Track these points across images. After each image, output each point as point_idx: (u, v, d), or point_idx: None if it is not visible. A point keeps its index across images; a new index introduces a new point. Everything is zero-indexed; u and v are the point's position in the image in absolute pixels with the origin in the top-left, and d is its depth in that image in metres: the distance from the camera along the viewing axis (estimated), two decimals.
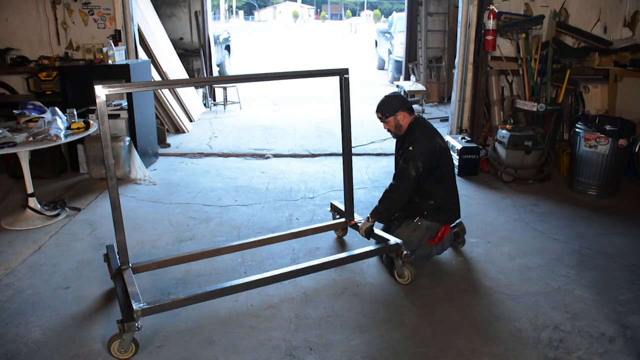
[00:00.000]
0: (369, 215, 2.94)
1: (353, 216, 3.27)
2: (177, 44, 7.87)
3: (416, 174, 2.75)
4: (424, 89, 7.52)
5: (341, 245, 3.34)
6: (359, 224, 3.02)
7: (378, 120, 3.04)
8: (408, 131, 2.91)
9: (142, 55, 5.54)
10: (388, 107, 2.93)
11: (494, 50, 4.87)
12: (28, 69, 5.02)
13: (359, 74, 12.43)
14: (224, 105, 7.88)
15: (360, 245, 3.12)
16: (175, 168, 5.00)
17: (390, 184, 2.88)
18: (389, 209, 2.88)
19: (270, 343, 2.36)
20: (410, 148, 2.79)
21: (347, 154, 3.18)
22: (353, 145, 5.69)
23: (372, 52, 15.27)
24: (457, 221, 3.20)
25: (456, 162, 4.68)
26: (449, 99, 7.58)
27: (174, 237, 3.44)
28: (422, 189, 2.89)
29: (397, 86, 8.29)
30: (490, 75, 5.03)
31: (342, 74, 3.00)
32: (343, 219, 3.30)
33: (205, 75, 7.91)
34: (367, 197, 4.17)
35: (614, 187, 4.19)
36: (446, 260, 3.15)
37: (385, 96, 3.01)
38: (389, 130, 3.02)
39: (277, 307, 2.63)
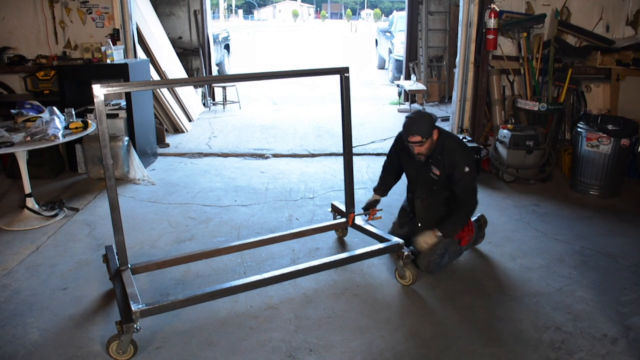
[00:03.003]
0: (440, 233, 2.76)
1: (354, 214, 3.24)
2: (176, 43, 7.84)
3: (475, 184, 2.80)
4: (425, 88, 7.50)
5: (341, 245, 3.32)
6: (418, 240, 2.83)
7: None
8: (439, 147, 2.73)
9: (141, 54, 5.52)
10: (425, 129, 2.63)
11: (495, 49, 4.85)
12: (26, 68, 5.00)
13: (360, 74, 12.41)
14: (224, 105, 7.86)
15: (361, 246, 3.10)
16: (174, 168, 4.98)
17: (463, 205, 2.78)
18: (458, 228, 2.85)
19: (270, 344, 2.34)
20: (467, 170, 2.68)
21: (347, 153, 3.14)
22: (353, 145, 5.67)
23: (372, 51, 15.24)
24: (478, 214, 3.24)
25: None
26: (450, 98, 7.55)
27: (173, 238, 3.42)
28: (450, 196, 2.87)
29: (398, 85, 8.27)
30: (492, 74, 5.01)
31: (342, 72, 2.96)
32: (344, 219, 3.27)
33: (205, 75, 7.88)
34: (367, 197, 4.13)
35: (616, 187, 4.17)
36: None
37: (415, 115, 2.71)
38: (419, 154, 2.73)
39: (276, 308, 2.61)
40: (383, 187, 3.21)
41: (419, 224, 2.98)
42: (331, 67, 3.05)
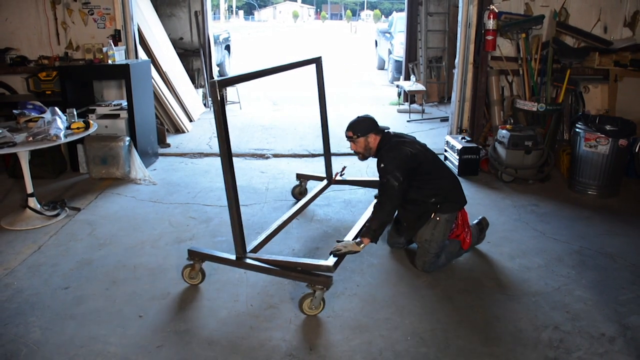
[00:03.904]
0: (361, 238, 2.74)
1: (332, 175, 4.03)
2: (177, 43, 7.86)
3: (398, 183, 2.76)
4: (424, 89, 7.52)
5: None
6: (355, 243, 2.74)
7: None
8: (377, 151, 2.97)
9: (142, 55, 5.54)
10: (360, 128, 2.97)
11: (494, 50, 4.87)
12: (28, 68, 5.01)
13: (359, 74, 12.43)
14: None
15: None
16: (175, 168, 5.00)
17: (378, 201, 2.86)
18: (383, 224, 2.80)
19: (270, 343, 2.35)
20: (382, 165, 2.82)
21: (324, 125, 4.01)
22: None
23: (372, 52, 15.27)
24: (480, 217, 3.28)
25: (456, 162, 4.69)
26: (449, 99, 7.58)
27: (174, 237, 3.44)
28: (419, 194, 2.90)
29: (397, 86, 8.29)
30: (491, 75, 5.03)
31: (317, 62, 3.70)
32: (324, 182, 3.98)
33: (205, 76, 7.90)
34: (368, 197, 4.16)
35: (614, 187, 4.18)
36: None
37: (357, 117, 3.06)
38: (356, 152, 3.06)
39: (277, 307, 2.62)
40: None
41: (404, 224, 3.05)
42: (308, 59, 3.60)
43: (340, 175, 4.02)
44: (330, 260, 2.63)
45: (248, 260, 2.72)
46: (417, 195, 2.90)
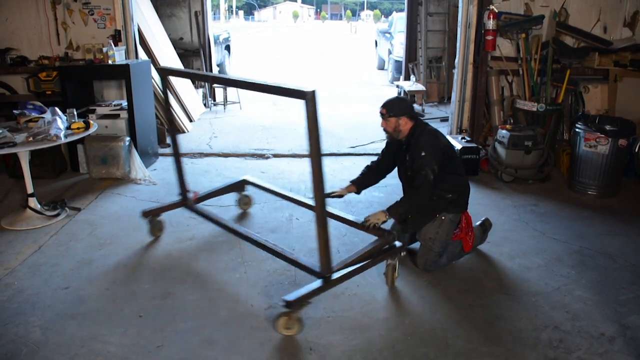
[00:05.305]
0: (387, 211, 2.84)
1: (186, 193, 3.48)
2: (177, 44, 7.86)
3: (433, 176, 2.79)
4: (424, 89, 7.52)
5: (343, 245, 3.34)
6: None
7: (379, 119, 3.03)
8: (410, 137, 2.93)
9: (142, 55, 5.54)
10: (394, 108, 2.94)
11: (494, 50, 4.87)
12: (28, 69, 5.01)
13: (359, 74, 12.43)
14: (224, 105, 7.88)
15: (360, 246, 3.11)
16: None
17: (413, 192, 2.86)
18: (411, 210, 2.89)
19: (271, 343, 2.36)
20: (423, 154, 2.81)
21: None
22: (353, 145, 5.74)
23: (372, 52, 15.27)
24: (484, 218, 3.30)
25: None
26: (449, 99, 7.57)
27: (174, 238, 3.44)
28: (438, 187, 2.89)
29: (397, 86, 8.29)
30: (490, 75, 5.04)
31: (305, 96, 2.34)
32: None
33: None
34: (367, 196, 4.16)
35: (614, 187, 4.19)
36: None
37: (396, 97, 3.07)
38: (385, 130, 3.03)
39: (277, 307, 2.62)
40: (361, 181, 3.25)
41: (409, 216, 3.01)
42: (296, 89, 2.45)
43: (195, 195, 3.59)
44: (389, 232, 2.80)
45: (336, 275, 2.53)
46: (436, 188, 2.88)
